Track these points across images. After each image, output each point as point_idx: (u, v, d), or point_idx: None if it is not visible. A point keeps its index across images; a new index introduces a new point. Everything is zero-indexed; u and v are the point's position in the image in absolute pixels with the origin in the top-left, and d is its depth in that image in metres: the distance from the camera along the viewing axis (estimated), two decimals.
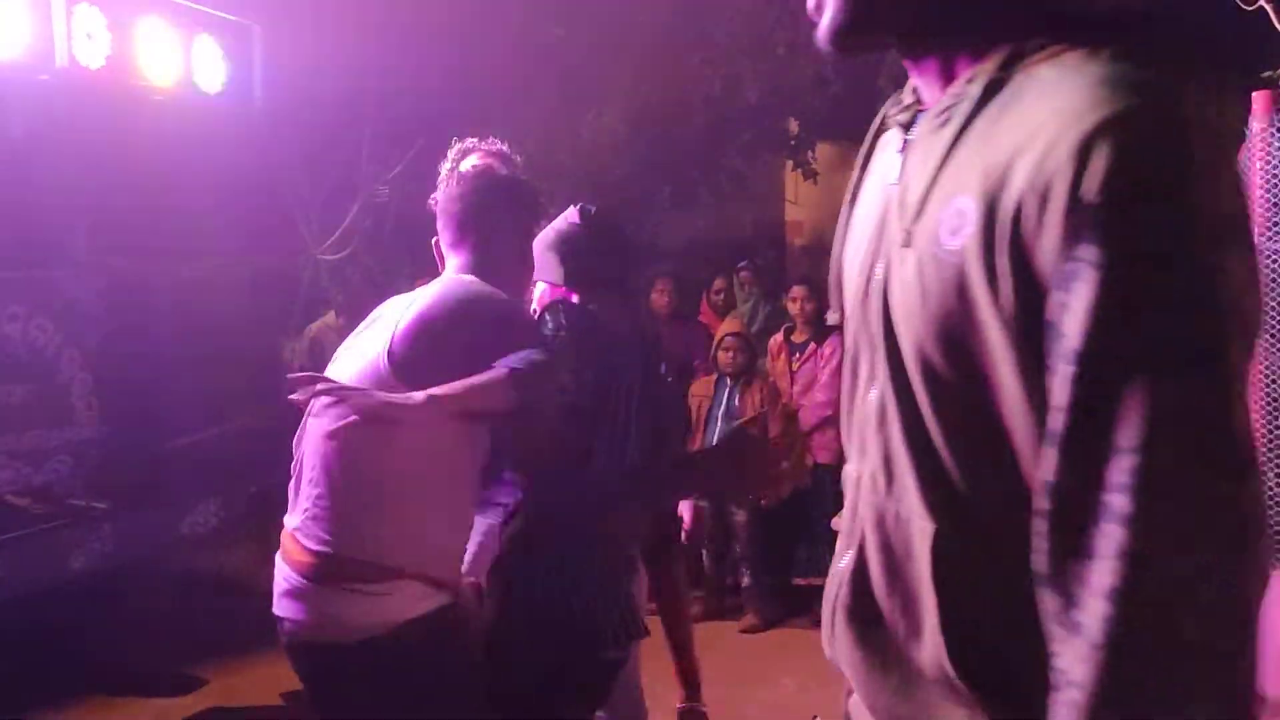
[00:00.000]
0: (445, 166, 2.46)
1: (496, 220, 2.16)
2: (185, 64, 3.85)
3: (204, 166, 3.18)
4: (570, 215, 2.44)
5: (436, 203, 2.23)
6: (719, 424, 5.18)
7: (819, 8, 1.00)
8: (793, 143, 10.04)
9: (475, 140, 2.72)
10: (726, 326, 5.42)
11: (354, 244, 6.24)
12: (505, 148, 2.58)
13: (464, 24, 6.38)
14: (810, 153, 10.08)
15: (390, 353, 1.93)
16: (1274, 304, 4.41)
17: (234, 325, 3.80)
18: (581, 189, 7.78)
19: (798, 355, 5.43)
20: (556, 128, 7.70)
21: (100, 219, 3.72)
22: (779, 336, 5.54)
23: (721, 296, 6.56)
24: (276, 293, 4.01)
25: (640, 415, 2.22)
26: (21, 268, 3.60)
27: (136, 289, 3.77)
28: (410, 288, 2.54)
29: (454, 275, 2.13)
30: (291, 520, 1.99)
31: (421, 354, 1.92)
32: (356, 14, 5.77)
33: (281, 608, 1.99)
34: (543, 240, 2.40)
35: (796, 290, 5.53)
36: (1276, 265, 4.39)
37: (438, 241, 2.23)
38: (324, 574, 1.90)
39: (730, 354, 5.19)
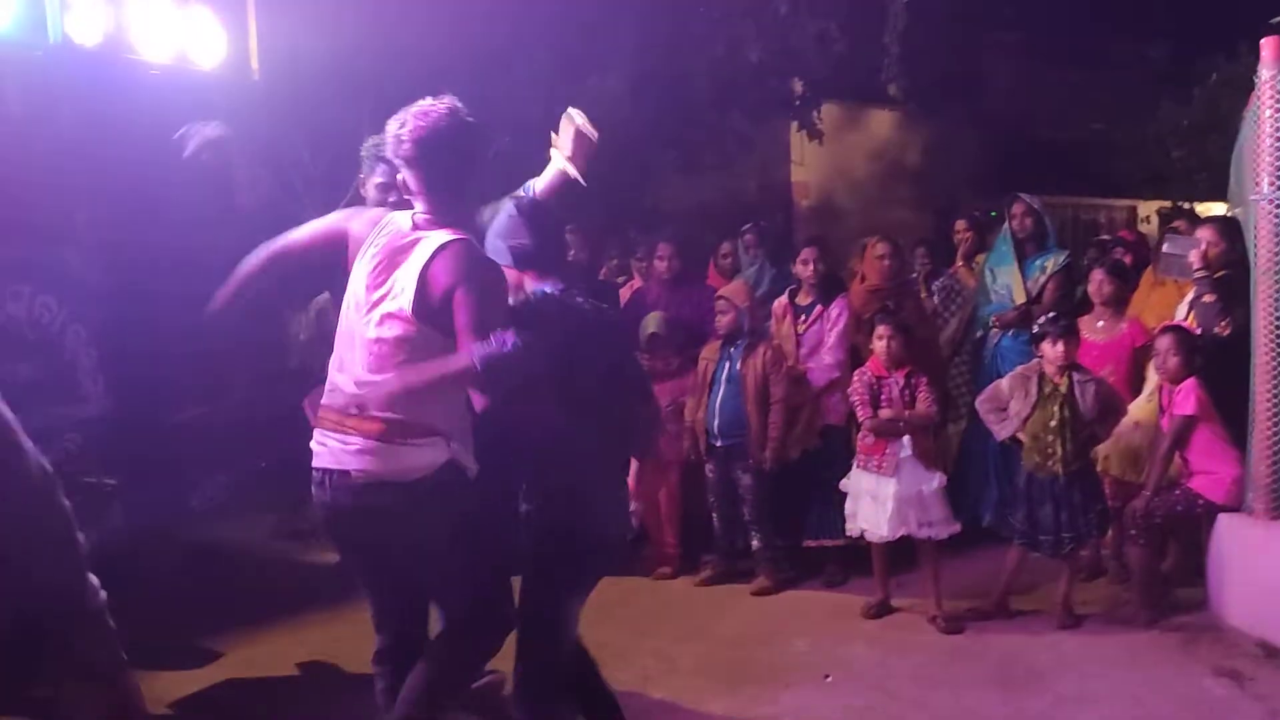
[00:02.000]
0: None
1: (446, 158, 2.69)
2: (180, 38, 3.81)
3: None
4: (508, 208, 3.05)
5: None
6: (722, 386, 5.17)
7: None
8: (797, 103, 9.93)
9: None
10: (722, 290, 5.40)
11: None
12: (457, 102, 2.77)
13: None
14: (815, 113, 9.97)
15: (414, 305, 2.63)
16: None
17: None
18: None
19: (803, 318, 5.40)
20: (559, 93, 7.62)
21: (101, 196, 3.70)
22: (784, 299, 5.51)
23: (729, 260, 6.52)
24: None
25: (605, 385, 2.94)
26: (23, 246, 3.58)
27: (139, 265, 3.75)
28: None
29: (447, 233, 2.68)
30: (341, 400, 2.71)
31: (436, 307, 2.62)
32: None
33: (347, 463, 2.67)
34: (492, 231, 3.04)
35: (806, 251, 5.49)
36: None
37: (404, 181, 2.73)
38: (391, 434, 2.63)
39: (718, 316, 5.18)
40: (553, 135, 3.26)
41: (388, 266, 2.68)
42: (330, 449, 2.71)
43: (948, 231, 6.75)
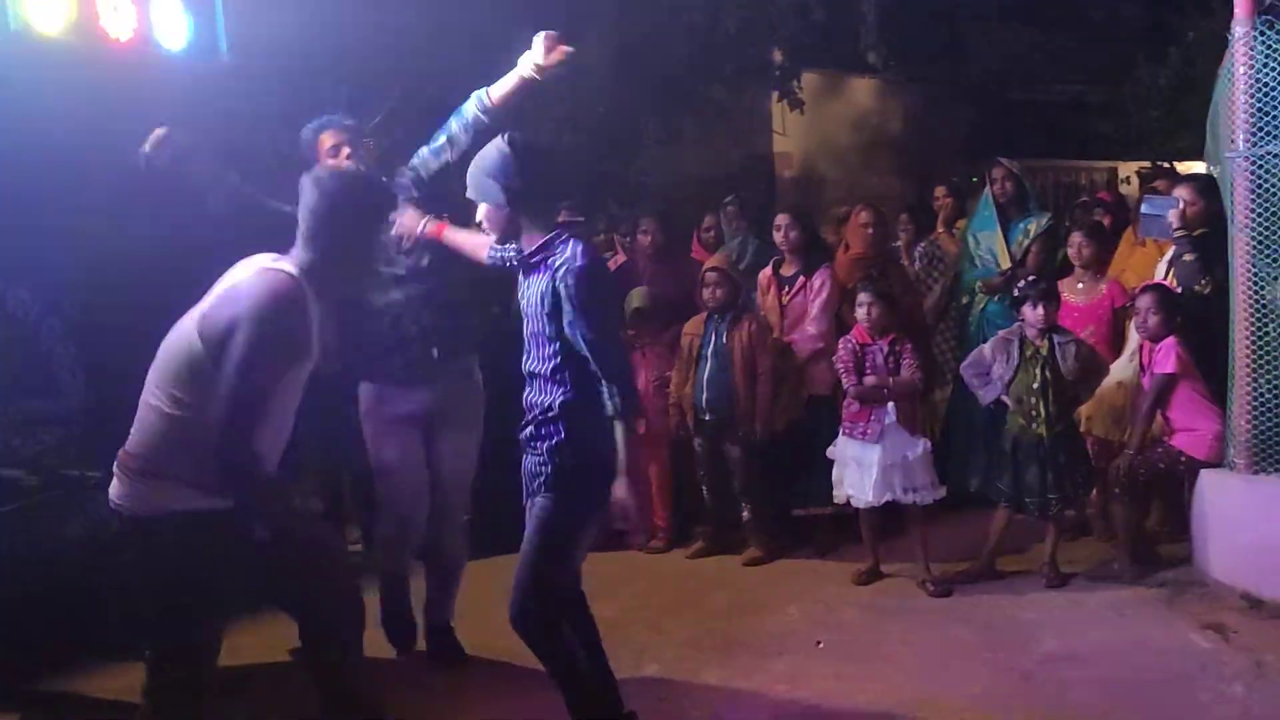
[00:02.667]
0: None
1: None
2: (144, 19, 3.75)
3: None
4: (499, 143, 2.95)
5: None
6: (708, 361, 5.17)
7: None
8: (777, 73, 9.88)
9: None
10: (709, 262, 5.39)
11: None
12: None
13: None
14: (796, 82, 9.92)
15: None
16: (1262, 209, 4.38)
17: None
18: (564, 128, 7.67)
19: (787, 289, 5.39)
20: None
21: (69, 185, 3.66)
22: (768, 270, 5.50)
23: (712, 234, 6.51)
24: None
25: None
26: None
27: (113, 254, 3.71)
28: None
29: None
30: None
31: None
32: None
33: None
34: (479, 167, 2.96)
35: (780, 218, 5.47)
36: (1261, 171, 4.35)
37: None
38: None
39: (711, 289, 5.17)
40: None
41: None
42: None
43: (930, 198, 6.75)
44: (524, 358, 3.08)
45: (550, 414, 2.99)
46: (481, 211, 3.04)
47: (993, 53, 13.11)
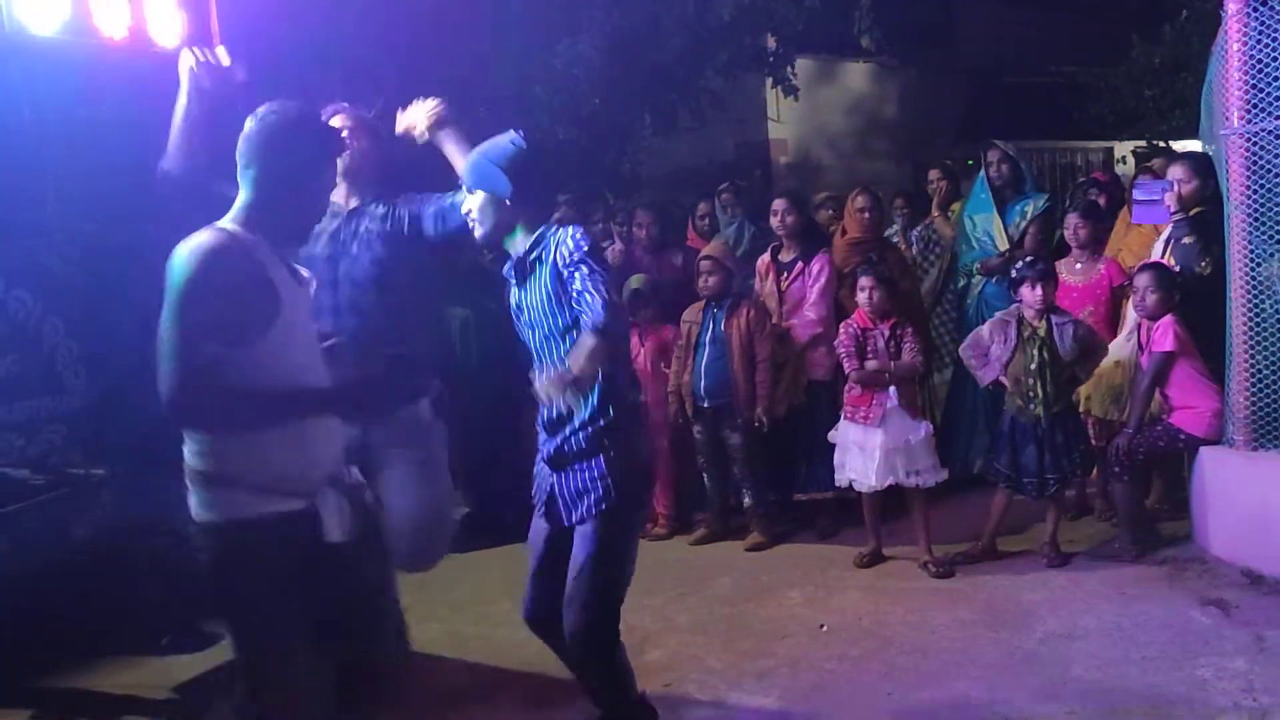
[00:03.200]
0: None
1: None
2: (138, 17, 3.76)
3: (167, 124, 3.12)
4: (514, 137, 2.92)
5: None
6: (707, 348, 5.19)
7: None
8: (771, 59, 9.86)
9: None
10: (704, 251, 5.40)
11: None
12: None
13: None
14: (790, 68, 9.90)
15: None
16: (1258, 186, 4.39)
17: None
18: (559, 121, 7.67)
19: (785, 274, 5.40)
20: (529, 60, 7.56)
21: (67, 185, 3.67)
22: (766, 256, 5.51)
23: (706, 221, 6.51)
24: None
25: None
26: None
27: (112, 253, 3.73)
28: None
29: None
30: None
31: None
32: None
33: None
34: (487, 156, 2.91)
35: (777, 203, 5.48)
36: (1256, 148, 4.35)
37: None
38: None
39: (705, 278, 5.18)
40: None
41: None
42: None
43: (925, 182, 6.76)
44: (535, 373, 2.79)
45: (589, 430, 2.88)
46: (477, 202, 2.94)
47: (987, 35, 13.10)
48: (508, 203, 2.90)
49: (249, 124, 2.48)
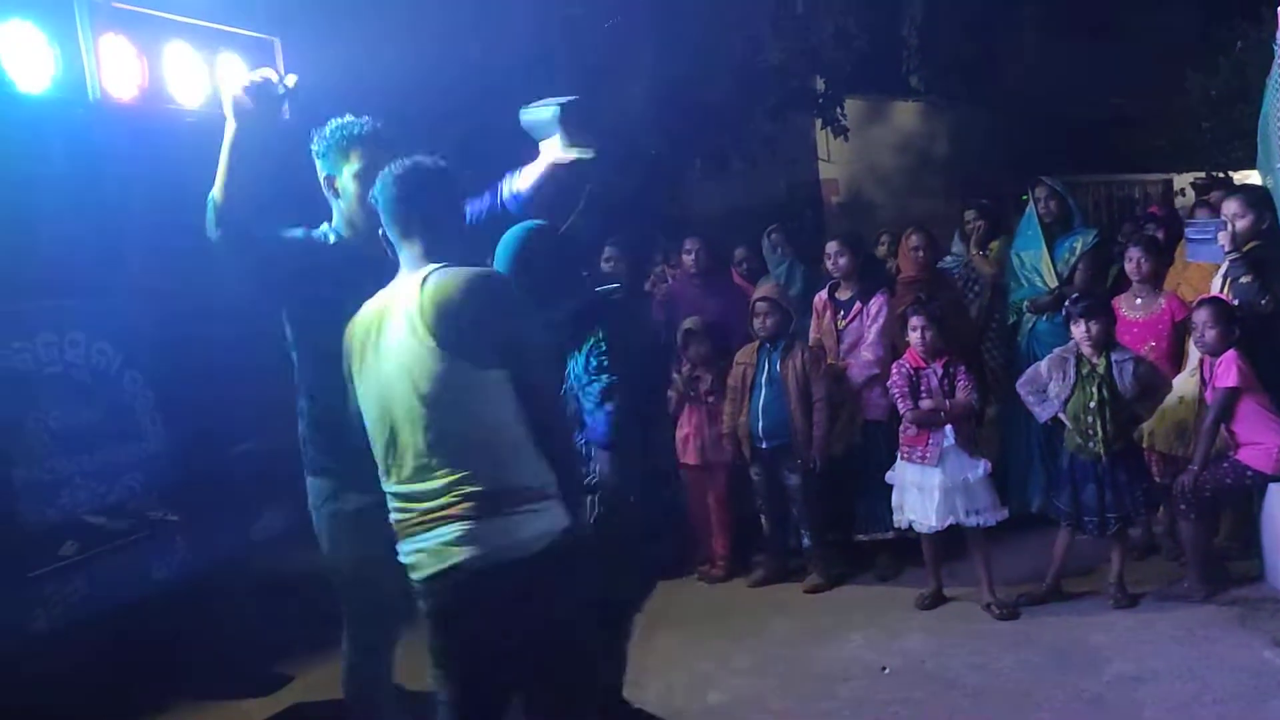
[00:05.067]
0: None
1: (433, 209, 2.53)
2: (212, 83, 3.94)
3: None
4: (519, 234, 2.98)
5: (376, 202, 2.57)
6: (763, 389, 5.21)
7: None
8: (820, 101, 9.96)
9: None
10: (759, 291, 5.44)
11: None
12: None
13: (482, 13, 6.41)
14: (839, 109, 9.99)
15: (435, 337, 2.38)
16: None
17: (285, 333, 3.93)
18: (611, 168, 7.80)
19: (843, 313, 5.42)
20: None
21: (148, 244, 3.85)
22: (823, 294, 5.53)
23: (744, 266, 6.52)
24: None
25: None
26: (78, 296, 3.75)
27: (190, 308, 3.88)
28: None
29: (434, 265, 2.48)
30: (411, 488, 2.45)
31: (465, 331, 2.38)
32: (373, 15, 5.83)
33: (450, 555, 2.36)
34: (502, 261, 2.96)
35: (830, 246, 5.51)
36: None
37: (384, 233, 2.57)
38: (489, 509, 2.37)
39: (763, 319, 5.21)
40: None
41: None
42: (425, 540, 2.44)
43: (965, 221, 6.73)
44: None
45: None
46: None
47: (1035, 69, 13.08)
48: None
49: (388, 184, 2.52)
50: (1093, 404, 4.55)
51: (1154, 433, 4.93)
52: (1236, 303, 4.69)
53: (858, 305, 5.37)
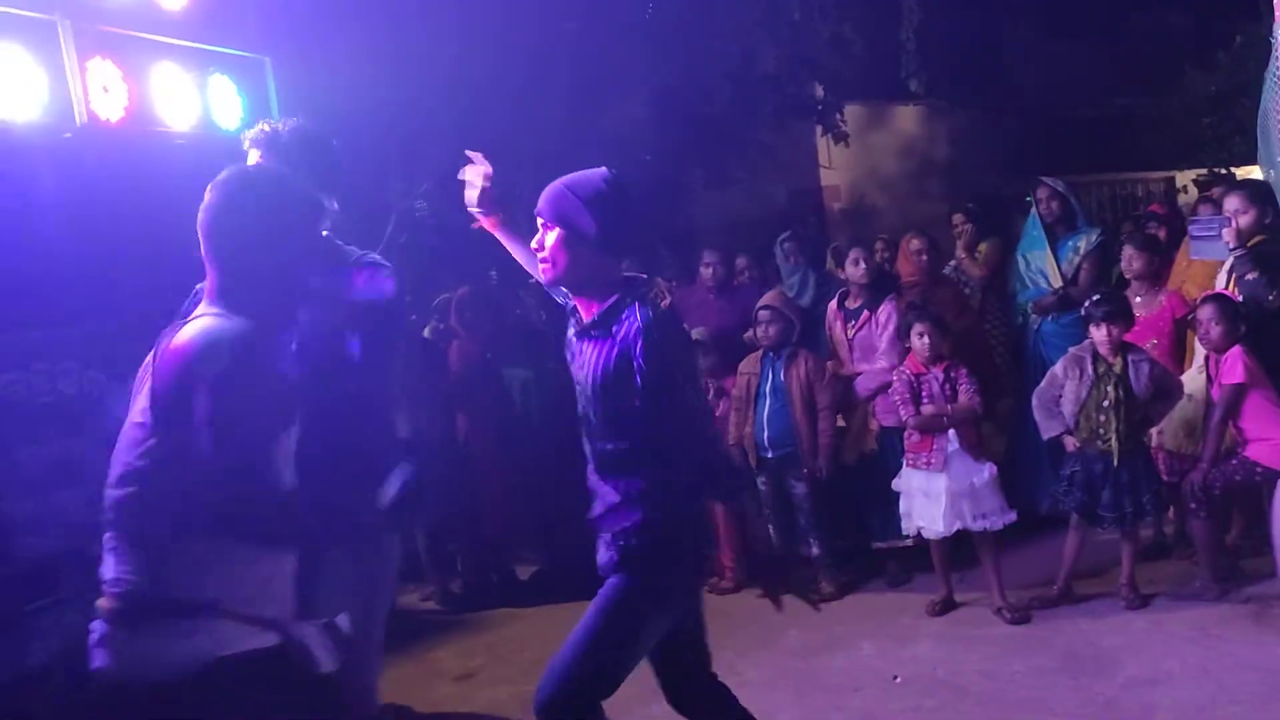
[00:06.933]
0: None
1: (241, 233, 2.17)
2: (202, 104, 3.93)
3: None
4: (605, 174, 2.59)
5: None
6: (767, 399, 5.17)
7: None
8: (819, 108, 9.95)
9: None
10: (762, 300, 5.40)
11: (393, 261, 6.24)
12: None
13: (474, 30, 6.40)
14: (838, 115, 9.98)
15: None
16: None
17: None
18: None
19: (853, 322, 5.38)
20: (578, 121, 7.70)
21: (140, 269, 3.81)
22: (834, 304, 5.50)
23: (746, 276, 6.50)
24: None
25: None
26: (69, 323, 3.72)
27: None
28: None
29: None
30: None
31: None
32: (364, 32, 5.83)
33: None
34: (574, 190, 2.56)
35: (854, 252, 5.46)
36: None
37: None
38: None
39: (764, 327, 5.18)
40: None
41: None
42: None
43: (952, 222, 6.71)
44: (583, 432, 2.71)
45: (620, 504, 2.66)
46: (551, 239, 2.61)
47: (1035, 70, 13.06)
48: (585, 246, 2.58)
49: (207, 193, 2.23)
50: (1107, 403, 4.50)
51: (1163, 430, 4.87)
52: (1241, 298, 4.65)
53: (866, 314, 5.33)
